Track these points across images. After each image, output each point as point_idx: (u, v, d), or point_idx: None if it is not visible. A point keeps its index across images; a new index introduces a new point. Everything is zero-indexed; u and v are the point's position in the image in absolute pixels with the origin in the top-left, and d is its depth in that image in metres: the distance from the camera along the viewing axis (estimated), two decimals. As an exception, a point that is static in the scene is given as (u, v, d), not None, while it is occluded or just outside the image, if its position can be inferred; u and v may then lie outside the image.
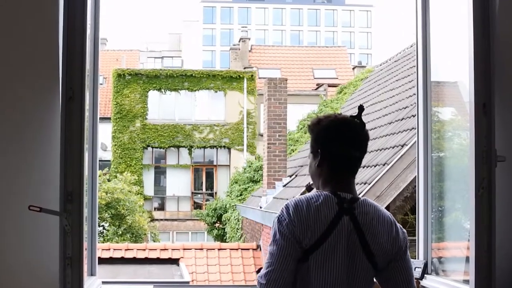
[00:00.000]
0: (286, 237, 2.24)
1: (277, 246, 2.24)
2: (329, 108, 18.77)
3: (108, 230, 17.87)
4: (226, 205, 17.65)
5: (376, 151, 9.71)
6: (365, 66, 27.90)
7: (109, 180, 19.58)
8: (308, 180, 2.42)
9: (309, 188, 2.55)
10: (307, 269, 2.24)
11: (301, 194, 2.54)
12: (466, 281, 2.84)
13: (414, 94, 3.79)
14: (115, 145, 25.73)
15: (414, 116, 9.30)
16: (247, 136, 26.44)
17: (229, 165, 26.38)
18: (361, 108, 2.39)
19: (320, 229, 2.23)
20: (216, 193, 26.31)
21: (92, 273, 3.16)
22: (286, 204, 2.30)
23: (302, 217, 2.24)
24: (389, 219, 2.34)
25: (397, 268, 2.33)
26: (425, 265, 3.34)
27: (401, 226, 2.38)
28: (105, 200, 17.65)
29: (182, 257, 12.14)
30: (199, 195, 27.16)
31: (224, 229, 17.28)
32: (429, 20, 3.40)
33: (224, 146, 26.48)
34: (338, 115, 2.40)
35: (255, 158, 22.13)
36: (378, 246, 2.28)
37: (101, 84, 32.74)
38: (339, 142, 2.34)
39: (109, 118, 26.85)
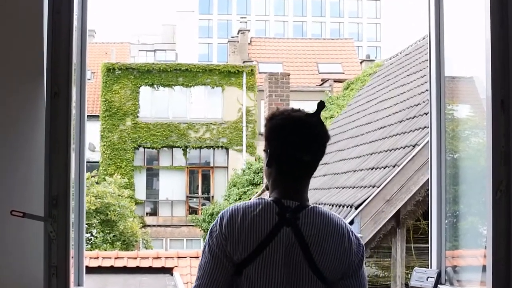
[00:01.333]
0: (213, 251, 2.21)
1: (205, 259, 2.23)
2: (335, 105, 18.77)
3: (96, 237, 17.86)
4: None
5: (386, 151, 9.70)
6: (373, 60, 27.89)
7: (97, 183, 19.58)
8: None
9: (267, 187, 2.52)
10: (242, 283, 2.20)
11: (260, 194, 2.51)
12: (483, 292, 2.84)
13: (427, 90, 3.79)
14: (104, 145, 25.73)
15: (426, 114, 9.32)
16: (246, 135, 26.44)
17: (227, 167, 26.38)
18: (321, 105, 2.31)
19: (253, 242, 2.18)
20: (213, 197, 26.31)
21: (79, 283, 3.16)
22: (222, 213, 2.25)
23: (234, 229, 2.20)
24: (342, 230, 2.25)
25: (349, 287, 2.24)
26: (439, 274, 3.34)
27: (358, 238, 2.29)
28: (95, 205, 17.65)
29: (176, 266, 12.13)
30: (194, 199, 27.15)
31: (221, 235, 17.25)
32: (442, 10, 3.40)
33: (221, 146, 26.48)
34: (293, 111, 2.31)
35: (255, 159, 22.15)
36: (325, 261, 2.20)
37: (89, 79, 32.74)
38: (286, 144, 2.26)
39: (98, 116, 26.84)
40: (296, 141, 2.26)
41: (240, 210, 2.23)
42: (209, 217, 17.88)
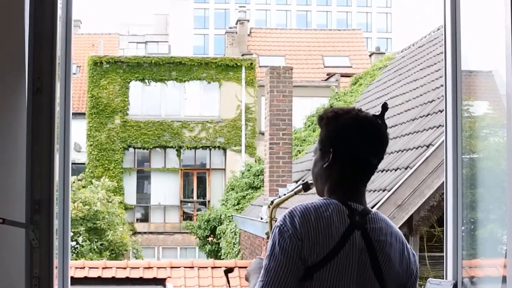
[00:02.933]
0: (287, 253, 2.19)
1: (276, 262, 2.19)
2: (341, 101, 18.76)
3: (82, 246, 17.87)
4: (221, 216, 17.64)
5: (397, 152, 9.71)
6: (384, 53, 27.91)
7: (84, 187, 19.58)
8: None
9: (306, 187, 2.52)
10: None
11: (295, 193, 2.52)
12: (503, 305, 2.84)
13: (442, 85, 3.79)
14: (91, 145, 25.73)
15: (441, 111, 9.32)
16: (245, 134, 26.44)
17: (224, 169, 26.37)
18: (385, 107, 2.37)
19: (329, 244, 2.20)
20: (209, 201, 26.31)
21: (63, 296, 3.16)
22: (289, 211, 2.25)
23: (310, 229, 2.20)
24: (402, 238, 2.35)
25: None
26: (455, 286, 3.34)
27: (413, 250, 2.39)
28: (82, 212, 17.67)
29: (169, 277, 12.13)
30: (189, 204, 27.14)
31: (218, 244, 17.27)
32: (459, -2, 3.39)
33: (218, 147, 26.47)
34: (360, 111, 2.37)
35: (255, 161, 22.13)
36: (390, 269, 2.26)
37: (74, 73, 32.74)
38: (358, 145, 2.31)
39: (84, 114, 26.83)
40: (367, 143, 2.32)
41: (311, 209, 2.25)
42: (205, 223, 17.87)
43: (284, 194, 2.73)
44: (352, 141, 2.31)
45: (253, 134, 26.49)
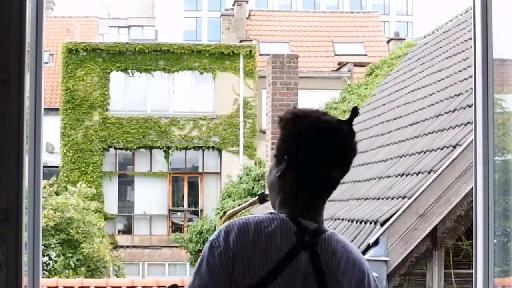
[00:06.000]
0: (214, 273, 2.19)
1: (200, 281, 2.19)
2: (355, 95, 18.78)
3: (55, 261, 17.87)
4: (215, 227, 17.65)
5: (419, 153, 9.72)
6: (404, 39, 27.91)
7: (57, 194, 19.58)
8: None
9: (262, 199, 2.50)
10: None
11: (249, 204, 2.49)
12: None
13: (471, 76, 3.80)
14: (66, 145, 25.75)
15: (470, 106, 9.33)
16: (244, 133, 26.45)
17: (219, 173, 26.39)
18: (355, 112, 2.33)
19: (267, 265, 2.19)
20: (202, 210, 26.32)
21: (34, 319, 3.16)
22: (226, 225, 2.24)
23: (245, 247, 2.19)
24: (363, 267, 2.32)
25: None
26: (486, 308, 3.34)
27: (375, 279, 2.36)
28: (53, 221, 17.66)
29: (156, 298, 12.15)
30: (178, 214, 27.16)
31: (213, 259, 17.27)
32: (490, -24, 3.40)
33: (213, 147, 26.49)
34: (323, 115, 2.33)
35: (255, 163, 22.14)
36: None
37: (46, 63, 32.75)
38: (316, 155, 2.28)
39: (57, 109, 26.84)
40: (326, 153, 2.29)
41: (251, 224, 2.23)
42: (197, 236, 17.90)
43: (239, 205, 2.73)
44: (308, 150, 2.28)
45: (252, 133, 26.50)
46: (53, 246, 17.82)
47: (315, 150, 2.28)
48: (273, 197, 2.37)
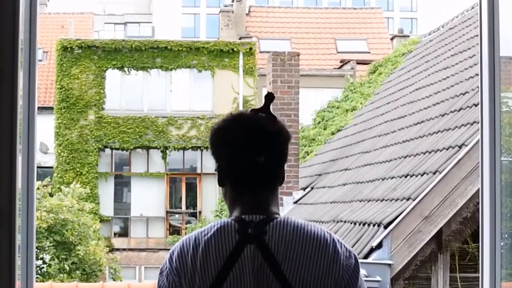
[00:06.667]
0: None
1: None
2: (357, 94, 18.78)
3: (50, 265, 17.87)
4: (214, 230, 17.65)
5: (424, 154, 9.72)
6: (408, 36, 27.91)
7: (51, 195, 19.57)
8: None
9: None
10: None
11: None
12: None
13: (477, 74, 3.79)
14: (60, 145, 25.74)
15: (476, 105, 9.32)
16: (243, 133, 26.43)
17: (218, 174, 26.37)
18: (269, 97, 2.39)
19: (213, 270, 2.25)
20: (200, 212, 26.32)
21: (27, 324, 3.16)
22: (172, 248, 2.36)
23: (186, 261, 2.29)
24: (322, 241, 2.29)
25: None
26: (492, 312, 3.34)
27: (348, 249, 2.33)
28: (47, 223, 17.65)
29: (153, 302, 12.15)
30: (176, 216, 27.14)
31: (211, 262, 17.27)
32: (497, -29, 3.40)
33: (211, 147, 26.47)
34: (236, 112, 2.42)
35: (255, 164, 22.13)
36: (301, 281, 2.24)
37: (40, 60, 32.75)
38: (228, 147, 2.35)
39: (52, 108, 26.83)
40: (241, 141, 2.33)
41: (192, 237, 2.33)
42: (196, 238, 17.87)
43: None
44: (222, 145, 2.37)
45: (252, 133, 26.48)
46: (47, 249, 17.81)
47: (228, 143, 2.35)
48: (227, 208, 2.44)
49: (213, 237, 2.28)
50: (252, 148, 2.32)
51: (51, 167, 26.16)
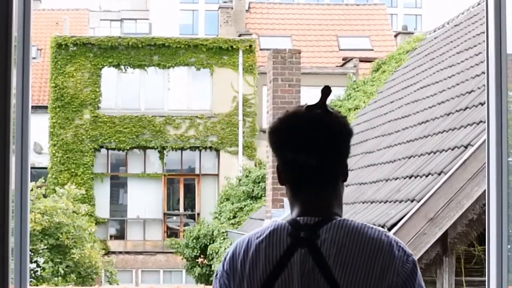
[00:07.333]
0: None
1: None
2: (360, 92, 18.77)
3: (44, 268, 17.87)
4: (213, 232, 17.63)
5: (428, 154, 9.72)
6: (412, 33, 27.93)
7: (45, 196, 19.57)
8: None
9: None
10: None
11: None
12: None
13: (483, 72, 3.79)
14: (55, 145, 25.74)
15: (483, 104, 9.32)
16: (243, 132, 26.44)
17: (217, 174, 26.38)
18: (326, 91, 2.33)
19: (260, 275, 2.25)
20: (198, 214, 26.31)
21: (21, 329, 3.16)
22: (227, 250, 2.38)
23: (236, 264, 2.30)
24: (378, 245, 2.25)
25: None
26: (499, 317, 3.34)
27: (407, 252, 2.30)
28: (41, 225, 17.65)
29: (150, 307, 12.16)
30: (174, 218, 27.15)
31: (210, 266, 17.26)
32: (504, -34, 3.39)
33: (210, 147, 26.48)
34: (292, 110, 2.36)
35: (255, 165, 22.14)
36: (353, 285, 2.21)
37: (34, 58, 32.75)
38: (284, 149, 2.33)
39: (46, 107, 26.83)
40: (292, 142, 2.31)
41: (245, 240, 2.33)
42: (194, 241, 17.85)
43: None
44: (279, 145, 2.34)
45: (252, 132, 26.49)
46: (41, 251, 17.81)
47: (284, 143, 2.32)
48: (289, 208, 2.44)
49: (265, 241, 2.28)
50: (303, 149, 2.30)
51: (45, 168, 26.16)
